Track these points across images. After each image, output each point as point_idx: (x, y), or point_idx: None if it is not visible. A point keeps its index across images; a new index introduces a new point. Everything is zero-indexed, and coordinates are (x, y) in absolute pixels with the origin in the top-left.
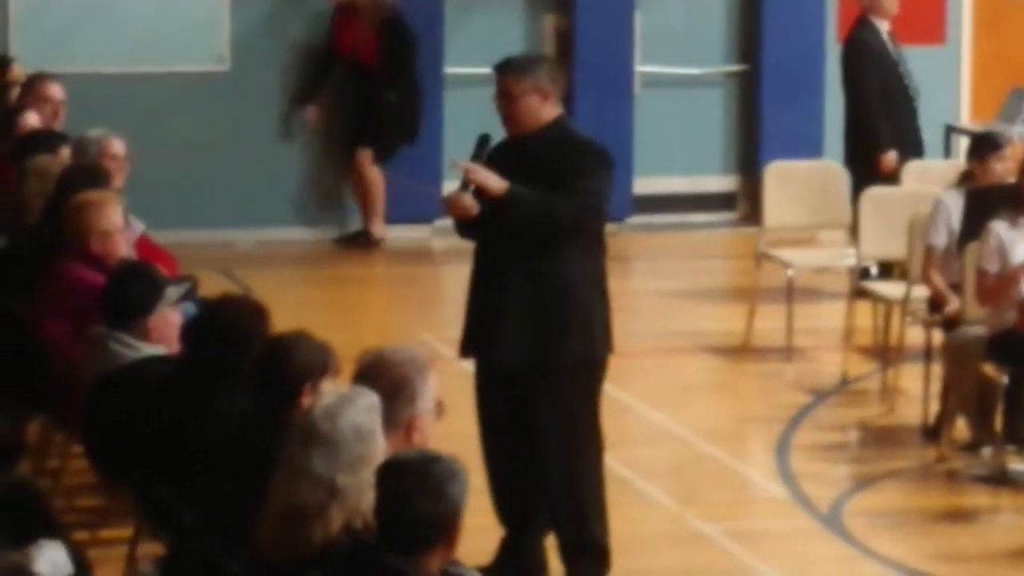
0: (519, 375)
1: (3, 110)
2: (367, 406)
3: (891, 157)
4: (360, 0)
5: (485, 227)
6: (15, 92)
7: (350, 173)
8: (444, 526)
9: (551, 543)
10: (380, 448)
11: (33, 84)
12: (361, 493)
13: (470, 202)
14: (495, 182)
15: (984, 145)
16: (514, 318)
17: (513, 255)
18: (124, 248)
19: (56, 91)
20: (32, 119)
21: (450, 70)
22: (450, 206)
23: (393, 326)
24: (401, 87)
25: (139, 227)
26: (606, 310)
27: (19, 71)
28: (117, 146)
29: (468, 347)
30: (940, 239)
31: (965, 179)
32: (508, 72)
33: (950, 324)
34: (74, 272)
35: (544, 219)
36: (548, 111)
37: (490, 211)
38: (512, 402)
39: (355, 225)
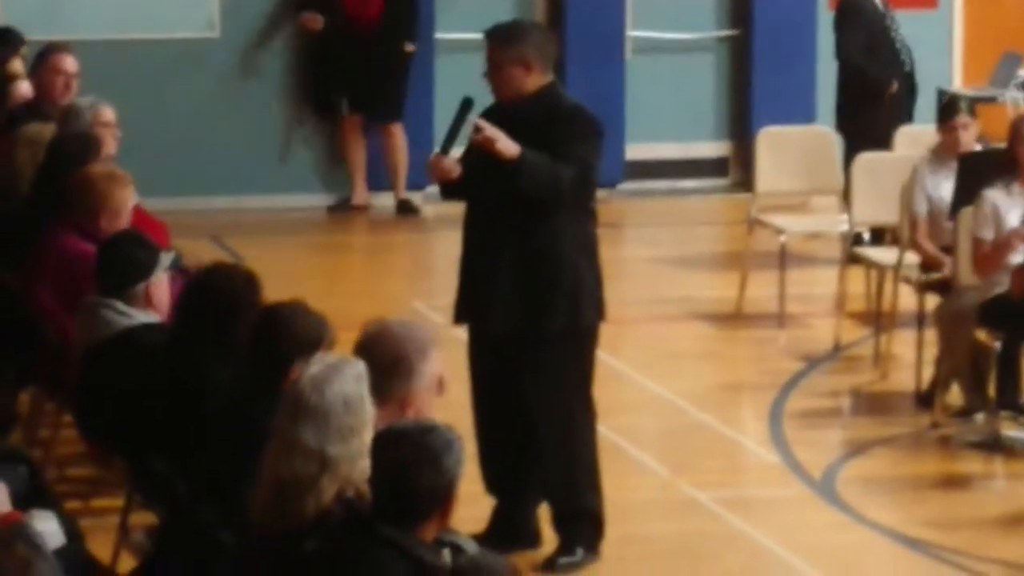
0: (510, 342)
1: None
2: (355, 375)
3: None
4: None
5: (476, 192)
6: (15, 62)
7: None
8: (439, 496)
9: (544, 513)
10: (370, 416)
11: (46, 55)
12: (352, 462)
13: (451, 165)
14: (511, 146)
15: (946, 112)
16: (505, 285)
17: (505, 221)
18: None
19: (69, 63)
20: (24, 88)
21: (441, 36)
22: (432, 169)
23: (384, 293)
24: (402, 55)
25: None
26: (597, 277)
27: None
28: (108, 113)
29: (461, 313)
30: (921, 207)
31: (940, 146)
32: (493, 40)
33: (943, 288)
34: (66, 241)
35: (551, 185)
36: (533, 80)
37: (495, 175)
38: (504, 369)
39: (347, 192)
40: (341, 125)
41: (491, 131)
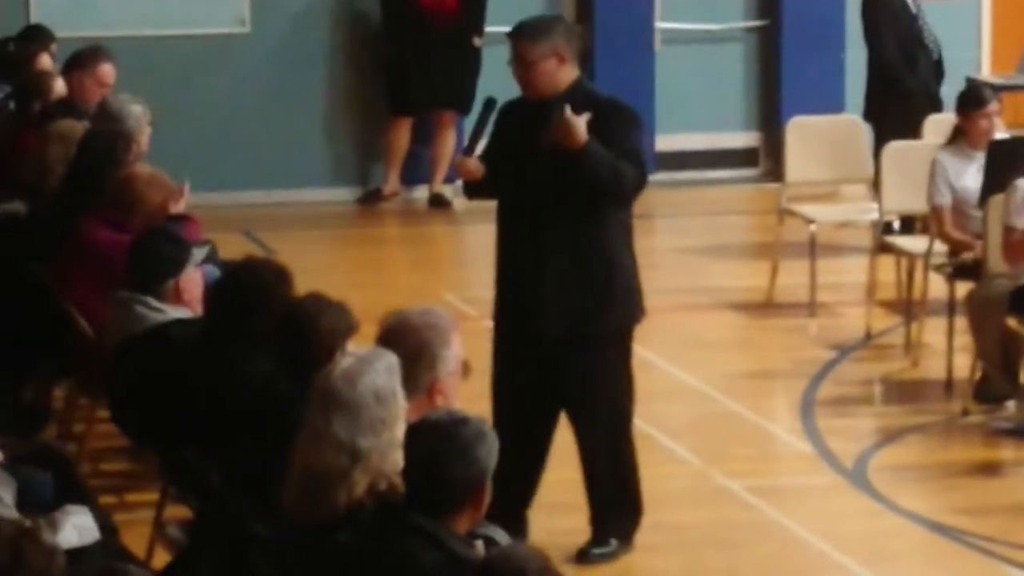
0: (561, 344)
1: (30, 77)
2: (386, 367)
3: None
4: None
5: (509, 189)
6: (44, 58)
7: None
8: (472, 487)
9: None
10: (401, 408)
11: (87, 61)
12: (384, 455)
13: (476, 164)
14: (582, 133)
15: (968, 101)
16: (558, 285)
17: (551, 219)
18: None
19: (110, 75)
20: (59, 86)
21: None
22: (459, 169)
23: (416, 286)
24: (474, 49)
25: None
26: (637, 273)
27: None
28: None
29: (507, 315)
30: (944, 198)
31: (956, 135)
32: (523, 37)
33: (973, 276)
34: (99, 234)
35: (614, 180)
36: (566, 74)
37: (538, 169)
38: (543, 372)
39: (377, 184)
40: (392, 117)
41: (571, 115)
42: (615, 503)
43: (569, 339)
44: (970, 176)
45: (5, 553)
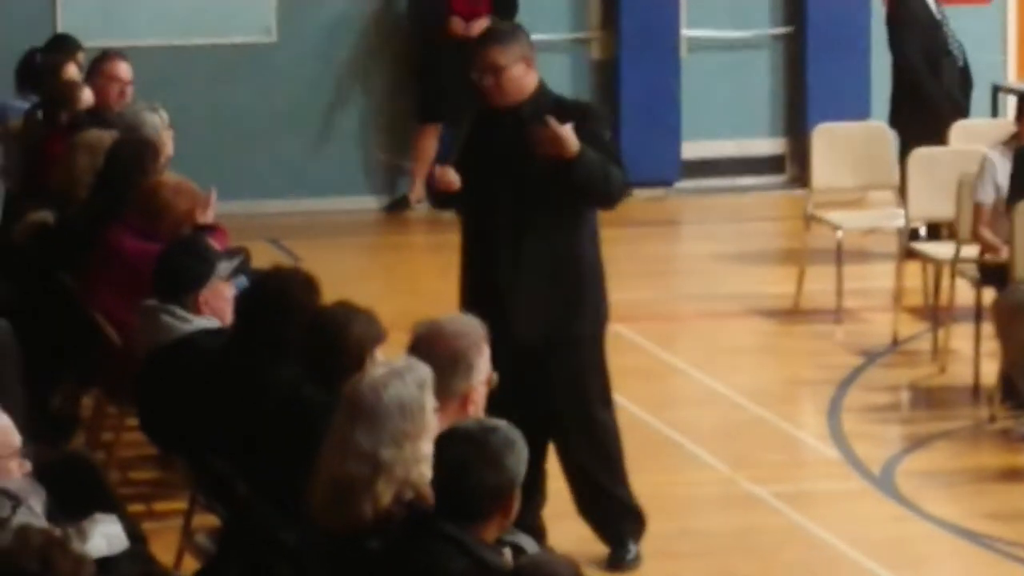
0: (535, 347)
1: (57, 85)
2: (417, 381)
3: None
4: None
5: (483, 198)
6: (70, 67)
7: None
8: (501, 495)
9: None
10: (429, 424)
11: (100, 62)
12: (407, 467)
13: (453, 176)
14: (575, 142)
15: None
16: (531, 290)
17: (529, 228)
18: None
19: (124, 70)
20: (87, 96)
21: None
22: (439, 180)
23: (443, 293)
24: None
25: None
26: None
27: (80, 55)
28: (162, 119)
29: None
30: (988, 196)
31: (1012, 138)
32: (494, 43)
33: (1000, 282)
34: (127, 243)
35: (606, 183)
36: (532, 79)
37: (513, 177)
38: (526, 375)
39: (404, 192)
40: (421, 123)
41: (557, 126)
42: (608, 510)
43: (546, 344)
44: None
45: (35, 562)
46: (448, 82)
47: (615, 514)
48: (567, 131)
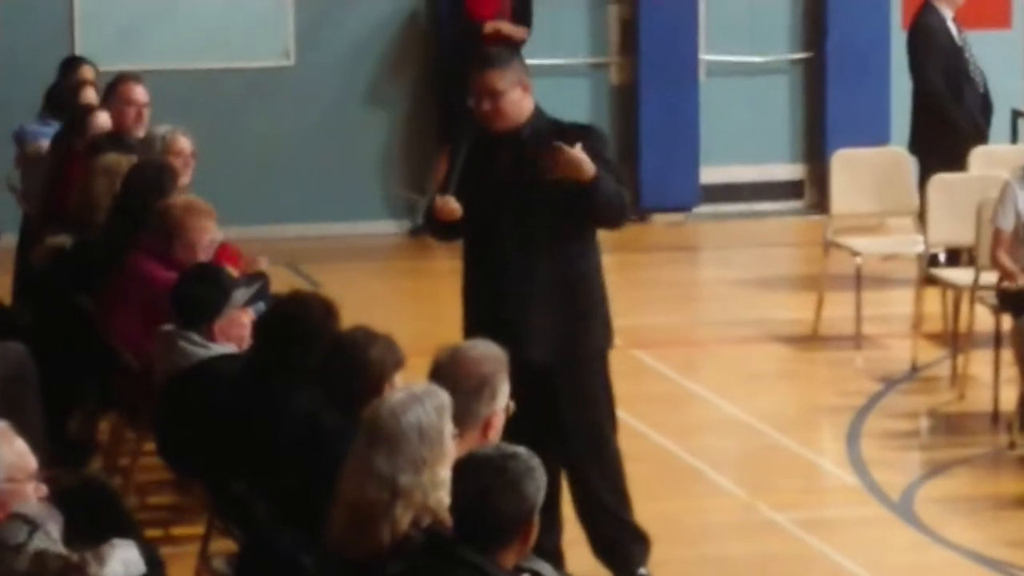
0: (545, 369)
1: (76, 109)
2: (436, 406)
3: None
4: None
5: (487, 223)
6: (88, 91)
7: None
8: (520, 522)
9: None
10: (447, 449)
11: (116, 86)
12: (427, 492)
13: (455, 205)
14: (589, 164)
15: None
16: (540, 311)
17: (537, 249)
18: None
19: (140, 93)
20: (103, 119)
21: None
22: (440, 211)
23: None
24: None
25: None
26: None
27: (89, 71)
28: (183, 142)
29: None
30: (1008, 222)
31: None
32: (494, 68)
33: (1018, 308)
34: (144, 268)
35: (620, 204)
36: (528, 103)
37: (520, 200)
38: (535, 396)
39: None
40: (444, 146)
41: (571, 150)
42: (616, 534)
43: (557, 366)
44: None
45: None
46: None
47: (625, 538)
48: (583, 154)
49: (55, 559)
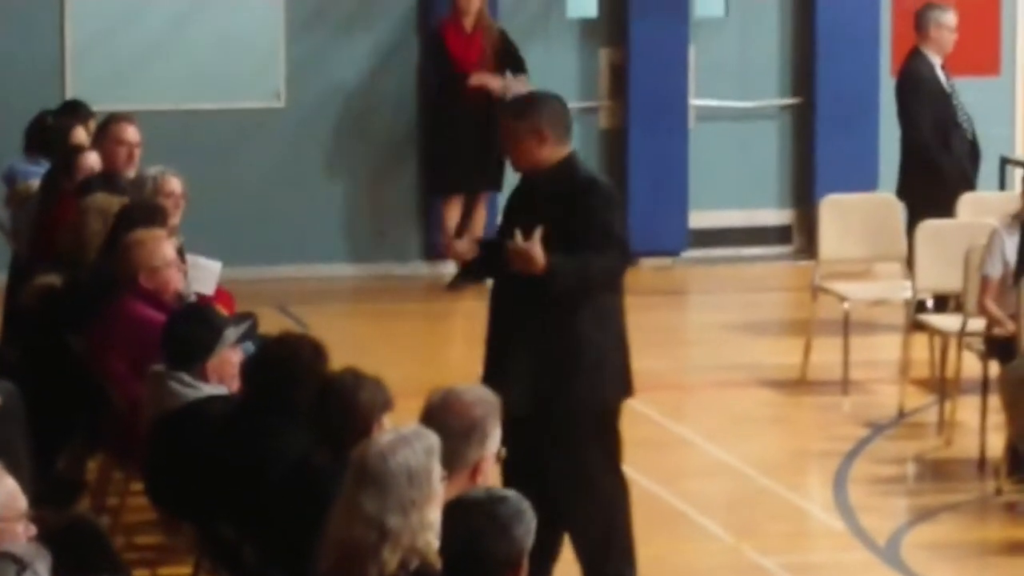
0: (530, 420)
1: (66, 149)
2: (425, 448)
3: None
4: (480, 22)
5: (497, 272)
6: (78, 131)
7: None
8: (510, 565)
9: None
10: (435, 491)
11: (107, 125)
12: (415, 534)
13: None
14: (539, 263)
15: None
16: (521, 364)
17: (521, 301)
18: (178, 281)
19: (131, 133)
20: (93, 159)
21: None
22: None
23: (448, 360)
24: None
25: (215, 267)
26: (621, 353)
27: (82, 134)
28: (174, 183)
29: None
30: (995, 269)
31: (1022, 211)
32: (510, 115)
33: (1005, 354)
34: (133, 309)
35: (584, 283)
36: (549, 152)
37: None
38: (523, 446)
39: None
40: (449, 195)
41: (522, 245)
42: None
43: (535, 417)
44: None
45: None
46: (463, 152)
47: None
48: (531, 248)
49: None
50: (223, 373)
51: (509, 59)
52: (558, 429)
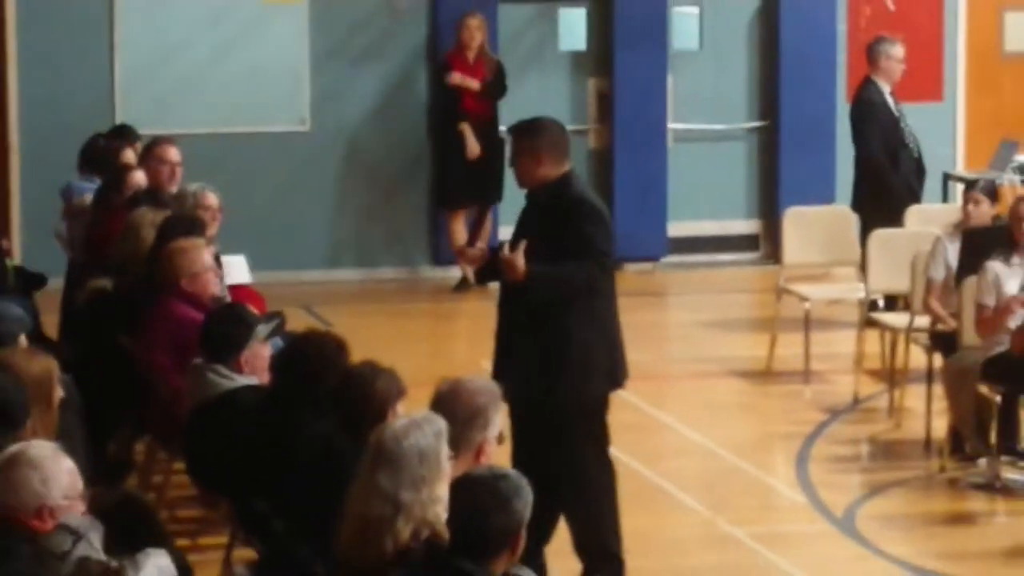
0: (525, 413)
1: (115, 168)
2: (434, 431)
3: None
4: (481, 55)
5: (500, 277)
6: (127, 152)
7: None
8: (510, 535)
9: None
10: (444, 470)
11: (152, 147)
12: (425, 508)
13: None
14: (519, 273)
15: (966, 191)
16: (519, 359)
17: (519, 301)
18: (215, 286)
19: (173, 153)
20: (139, 177)
21: (504, 128)
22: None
23: (455, 354)
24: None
25: (239, 260)
26: (609, 346)
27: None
28: (211, 198)
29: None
30: (939, 272)
31: (962, 222)
32: (513, 133)
33: (949, 348)
34: (175, 310)
35: (561, 290)
36: (547, 171)
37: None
38: (526, 432)
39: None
40: (455, 211)
41: (507, 256)
42: (592, 559)
43: (527, 409)
44: None
45: None
46: (465, 170)
47: (594, 565)
48: (514, 258)
49: (96, 565)
50: (255, 365)
51: (496, 83)
52: (551, 418)
